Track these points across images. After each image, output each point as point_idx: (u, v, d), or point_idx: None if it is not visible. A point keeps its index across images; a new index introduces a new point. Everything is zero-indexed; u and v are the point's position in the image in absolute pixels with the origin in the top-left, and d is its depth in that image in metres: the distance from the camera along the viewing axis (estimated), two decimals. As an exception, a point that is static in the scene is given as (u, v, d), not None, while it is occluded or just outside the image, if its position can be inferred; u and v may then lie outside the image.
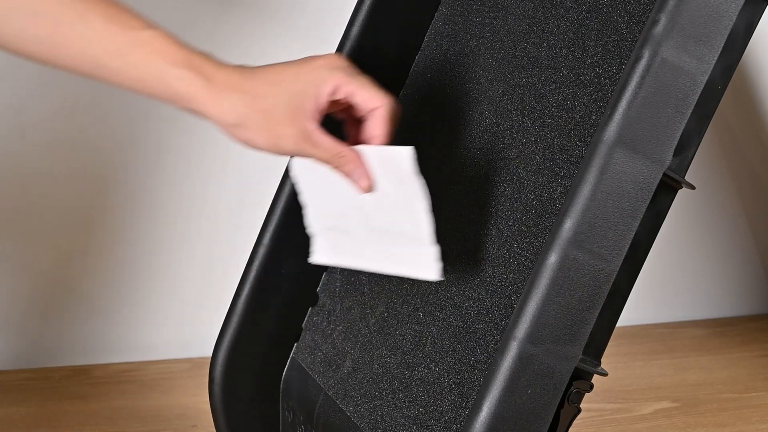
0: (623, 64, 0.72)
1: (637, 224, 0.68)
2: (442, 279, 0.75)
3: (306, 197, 0.86)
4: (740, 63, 0.72)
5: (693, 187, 0.72)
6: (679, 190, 0.71)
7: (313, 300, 0.98)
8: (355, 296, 0.92)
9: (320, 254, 0.85)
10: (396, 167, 0.75)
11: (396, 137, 0.96)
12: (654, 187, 0.68)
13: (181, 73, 0.73)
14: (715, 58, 0.67)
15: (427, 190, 0.74)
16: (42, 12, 0.70)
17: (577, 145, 0.73)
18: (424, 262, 0.75)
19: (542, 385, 0.67)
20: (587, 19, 0.77)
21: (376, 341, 0.87)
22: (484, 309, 0.76)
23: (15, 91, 1.29)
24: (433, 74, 0.93)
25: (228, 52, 1.34)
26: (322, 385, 0.91)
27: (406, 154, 0.74)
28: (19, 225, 1.32)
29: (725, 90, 0.70)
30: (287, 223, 0.95)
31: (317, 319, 0.97)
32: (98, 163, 1.32)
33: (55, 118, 1.30)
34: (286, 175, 0.95)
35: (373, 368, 0.85)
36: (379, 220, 0.79)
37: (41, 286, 1.34)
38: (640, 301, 1.30)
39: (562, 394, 0.68)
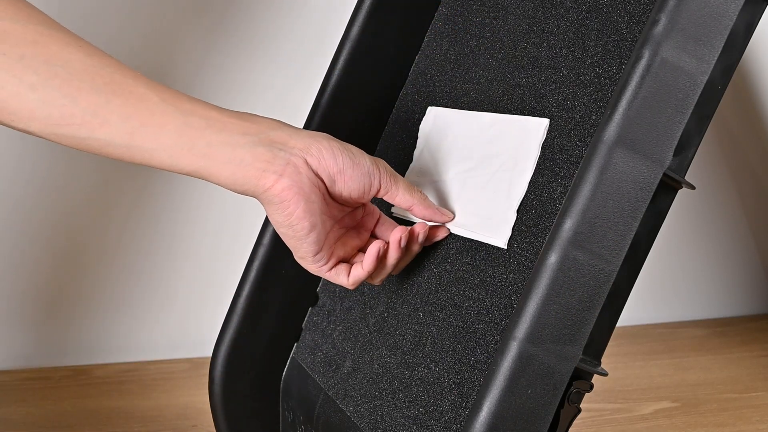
0: (623, 64, 0.72)
1: (637, 224, 0.68)
2: (505, 248, 0.76)
3: (417, 152, 0.89)
4: (740, 63, 0.72)
5: (693, 187, 0.72)
6: (679, 190, 0.71)
7: (313, 300, 0.98)
8: (355, 296, 0.92)
9: (398, 208, 0.88)
10: (524, 132, 0.77)
11: (395, 138, 0.96)
12: (654, 187, 0.68)
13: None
14: (715, 58, 0.67)
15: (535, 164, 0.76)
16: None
17: (577, 145, 0.73)
18: (496, 229, 0.77)
19: (542, 385, 0.67)
20: (587, 19, 0.77)
21: (376, 341, 0.87)
22: (484, 309, 0.76)
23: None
24: (433, 74, 0.93)
25: (227, 52, 1.35)
26: (322, 385, 0.91)
27: (543, 123, 0.76)
28: (18, 225, 1.32)
29: (725, 90, 0.70)
30: (287, 223, 0.95)
31: (317, 319, 0.97)
32: (98, 163, 1.32)
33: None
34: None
35: (373, 368, 0.85)
36: (477, 177, 0.81)
37: (41, 286, 1.34)
38: (640, 301, 1.30)
39: (562, 394, 0.68)
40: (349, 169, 0.76)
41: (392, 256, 0.79)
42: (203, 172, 0.73)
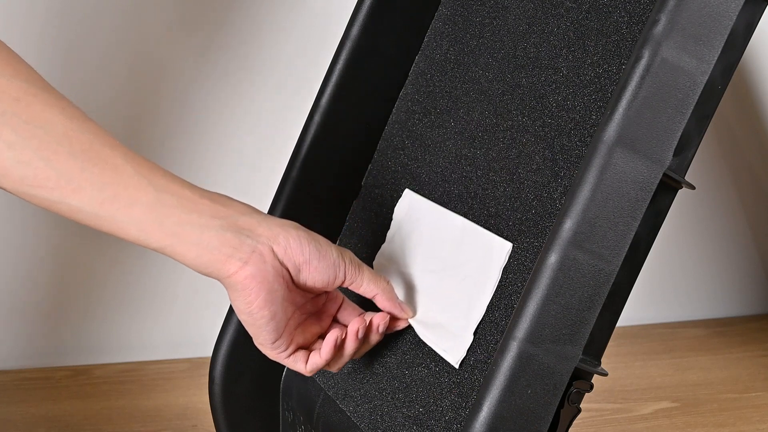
0: (623, 64, 0.72)
1: (637, 224, 0.68)
2: (457, 368, 0.76)
3: (390, 234, 0.89)
4: (740, 63, 0.72)
5: (693, 187, 0.72)
6: (679, 190, 0.71)
7: (313, 300, 0.98)
8: (356, 295, 0.92)
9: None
10: (488, 251, 0.77)
11: (395, 138, 0.96)
12: (654, 187, 0.68)
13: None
14: (715, 58, 0.67)
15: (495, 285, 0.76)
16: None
17: (577, 145, 0.73)
18: (452, 344, 0.77)
19: (542, 385, 0.67)
20: (587, 19, 0.77)
21: (376, 341, 0.87)
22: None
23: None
24: (433, 74, 0.93)
25: (228, 52, 1.35)
26: (322, 385, 0.91)
27: (506, 247, 0.76)
28: (19, 225, 1.32)
29: (725, 90, 0.70)
30: (287, 223, 0.95)
31: (317, 319, 0.97)
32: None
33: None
34: (287, 175, 0.95)
35: (373, 368, 0.85)
36: (442, 282, 0.81)
37: (41, 286, 1.34)
38: (640, 301, 1.30)
39: (562, 394, 0.69)
40: (315, 260, 0.75)
41: (349, 346, 0.79)
42: (169, 250, 0.73)
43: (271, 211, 0.95)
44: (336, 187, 0.97)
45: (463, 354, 0.75)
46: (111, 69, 1.31)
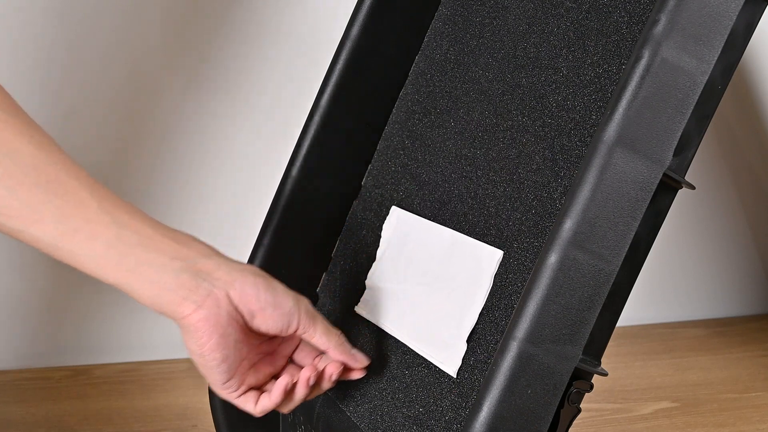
0: (623, 64, 0.72)
1: (637, 224, 0.68)
2: (455, 377, 0.76)
3: (380, 252, 0.89)
4: (740, 63, 0.72)
5: (693, 187, 0.72)
6: (679, 190, 0.71)
7: (313, 300, 0.98)
8: (356, 295, 0.92)
9: (362, 307, 0.89)
10: (477, 260, 0.77)
11: (395, 138, 0.96)
12: (654, 187, 0.68)
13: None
14: (715, 58, 0.67)
15: (488, 293, 0.76)
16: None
17: (577, 145, 0.73)
18: (447, 354, 0.77)
19: (542, 385, 0.67)
20: (587, 19, 0.77)
21: (376, 340, 0.87)
22: (484, 309, 0.76)
23: (16, 94, 1.29)
24: (433, 74, 0.93)
25: (228, 52, 1.35)
26: (322, 385, 0.91)
27: (496, 255, 0.76)
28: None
29: (725, 90, 0.70)
30: (287, 223, 0.95)
31: (317, 319, 0.97)
32: (97, 164, 1.32)
33: (53, 121, 1.30)
34: (287, 175, 0.95)
35: (373, 368, 0.85)
36: (432, 296, 0.81)
37: (41, 286, 1.34)
38: (640, 301, 1.30)
39: (562, 394, 0.68)
40: (270, 308, 0.75)
41: (300, 392, 0.79)
42: (126, 287, 0.72)
43: (271, 212, 0.95)
44: (336, 187, 0.97)
45: (459, 363, 0.76)
46: (111, 69, 1.31)
